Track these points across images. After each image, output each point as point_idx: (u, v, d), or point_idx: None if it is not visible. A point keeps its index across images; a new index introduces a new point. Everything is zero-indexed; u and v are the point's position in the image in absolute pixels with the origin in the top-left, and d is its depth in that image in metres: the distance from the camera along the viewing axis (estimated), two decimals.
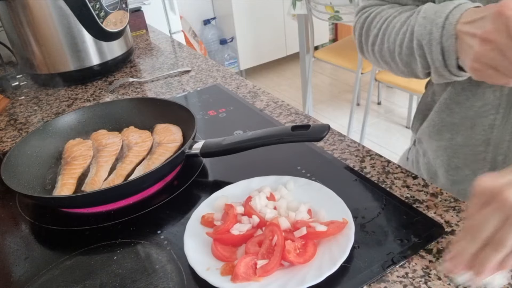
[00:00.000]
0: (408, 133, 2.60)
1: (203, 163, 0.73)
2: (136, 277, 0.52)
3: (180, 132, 0.77)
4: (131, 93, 1.07)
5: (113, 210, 0.65)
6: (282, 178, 0.63)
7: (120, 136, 0.80)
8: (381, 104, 2.95)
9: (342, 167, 0.68)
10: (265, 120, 0.84)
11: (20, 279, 0.55)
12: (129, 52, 1.23)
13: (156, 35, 1.52)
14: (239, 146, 0.67)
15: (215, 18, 3.54)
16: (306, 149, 0.73)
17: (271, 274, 0.48)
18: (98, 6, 1.07)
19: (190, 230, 0.56)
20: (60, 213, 0.66)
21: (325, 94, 3.22)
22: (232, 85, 1.03)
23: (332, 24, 3.88)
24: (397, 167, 0.67)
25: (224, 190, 0.63)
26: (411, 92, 2.00)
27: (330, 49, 2.54)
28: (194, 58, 1.24)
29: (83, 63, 1.12)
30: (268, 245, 0.51)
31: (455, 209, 0.57)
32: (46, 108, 1.05)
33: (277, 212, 0.56)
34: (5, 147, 0.89)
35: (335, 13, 2.22)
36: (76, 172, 0.72)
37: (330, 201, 0.57)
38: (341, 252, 0.49)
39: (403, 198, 0.60)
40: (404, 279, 0.48)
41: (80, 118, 0.84)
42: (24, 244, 0.61)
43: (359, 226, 0.55)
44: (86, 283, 0.52)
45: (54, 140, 0.80)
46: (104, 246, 0.58)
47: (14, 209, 0.68)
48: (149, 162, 0.71)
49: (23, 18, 1.05)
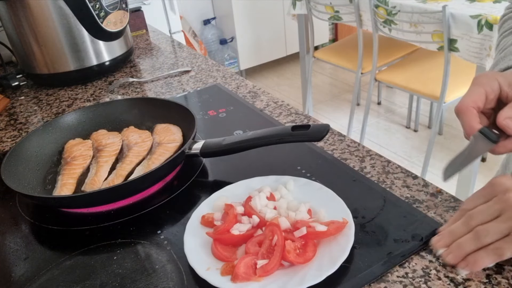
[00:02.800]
0: (408, 133, 2.60)
1: (203, 163, 0.73)
2: (136, 277, 0.52)
3: (180, 132, 0.77)
4: (131, 93, 1.07)
5: (113, 210, 0.65)
6: (282, 178, 0.63)
7: (120, 136, 0.80)
8: (381, 104, 2.95)
9: (342, 167, 0.68)
10: (265, 120, 0.84)
11: (20, 279, 0.55)
12: (129, 52, 1.23)
13: (156, 35, 1.52)
14: (239, 146, 0.67)
15: (215, 18, 3.54)
16: (306, 149, 0.73)
17: (271, 274, 0.48)
18: (98, 6, 1.07)
19: (190, 230, 0.56)
20: (60, 213, 0.66)
21: (325, 94, 3.22)
22: (232, 85, 1.03)
23: (332, 24, 3.88)
24: (397, 167, 0.67)
25: (224, 190, 0.63)
26: (411, 92, 2.00)
27: (330, 49, 2.54)
28: (194, 58, 1.24)
29: (83, 63, 1.12)
30: (268, 245, 0.51)
31: (455, 209, 0.57)
32: (46, 108, 1.05)
33: (277, 212, 0.56)
34: (5, 147, 0.89)
35: (335, 13, 2.23)
36: (76, 172, 0.72)
37: (330, 201, 0.57)
38: (341, 252, 0.49)
39: (403, 198, 0.60)
40: (404, 279, 0.48)
41: (80, 118, 0.84)
42: (24, 244, 0.61)
43: (359, 226, 0.55)
44: (86, 283, 0.52)
45: (54, 140, 0.80)
46: (104, 246, 0.58)
47: (14, 209, 0.68)
48: (149, 162, 0.71)
49: (23, 18, 1.05)
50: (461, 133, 0.52)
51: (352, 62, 2.28)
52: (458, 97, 1.87)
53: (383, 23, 1.94)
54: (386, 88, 3.07)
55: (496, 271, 0.48)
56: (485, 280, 0.47)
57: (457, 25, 1.61)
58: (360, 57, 2.18)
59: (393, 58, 2.25)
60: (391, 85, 2.09)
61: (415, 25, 1.78)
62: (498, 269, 0.48)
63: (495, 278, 0.47)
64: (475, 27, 1.53)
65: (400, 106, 2.89)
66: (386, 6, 1.86)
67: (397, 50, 2.29)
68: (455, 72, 1.86)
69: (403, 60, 2.21)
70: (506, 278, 0.47)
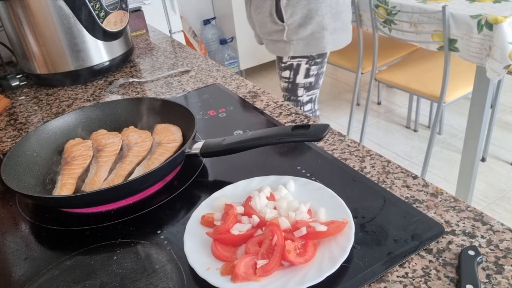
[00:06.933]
0: (408, 133, 2.60)
1: (203, 163, 0.73)
2: (136, 277, 0.52)
3: (180, 132, 0.77)
4: (131, 93, 1.07)
5: (113, 210, 0.65)
6: (282, 178, 0.63)
7: (120, 136, 0.80)
8: (381, 104, 2.95)
9: (342, 167, 0.68)
10: (265, 120, 0.84)
11: (20, 279, 0.55)
12: (129, 52, 1.23)
13: (156, 35, 1.52)
14: (239, 146, 0.67)
15: (215, 18, 3.54)
16: (306, 149, 0.73)
17: (271, 274, 0.48)
18: (98, 6, 1.07)
19: (190, 230, 0.56)
20: (60, 213, 0.66)
21: (325, 94, 3.21)
22: (232, 85, 1.03)
23: None
24: (397, 167, 0.67)
25: (224, 190, 0.63)
26: (411, 92, 2.00)
27: None
28: (194, 58, 1.24)
29: (83, 63, 1.12)
30: (268, 245, 0.51)
31: (455, 209, 0.57)
32: (46, 108, 1.05)
33: (277, 212, 0.56)
34: (5, 147, 0.89)
35: None
36: (76, 172, 0.72)
37: (330, 201, 0.57)
38: (341, 252, 0.49)
39: (403, 198, 0.60)
40: (404, 279, 0.48)
41: (80, 118, 0.84)
42: (24, 244, 0.61)
43: (359, 226, 0.55)
44: (86, 283, 0.52)
45: (54, 140, 0.80)
46: (104, 246, 0.58)
47: (14, 209, 0.68)
48: (149, 162, 0.71)
49: (23, 18, 1.05)
50: (461, 133, 0.52)
51: (352, 62, 2.28)
52: (458, 97, 1.87)
53: (383, 23, 1.94)
54: (386, 88, 3.07)
55: (496, 271, 0.48)
56: (485, 280, 0.47)
57: (457, 25, 1.61)
58: (360, 57, 2.18)
59: (393, 58, 2.25)
60: (391, 85, 2.09)
61: (415, 25, 1.78)
62: (498, 269, 0.48)
63: (495, 278, 0.47)
64: (475, 27, 1.53)
65: (400, 106, 2.89)
66: (386, 6, 1.86)
67: (397, 50, 2.29)
68: (455, 72, 1.86)
69: (403, 60, 2.21)
70: (506, 278, 0.47)
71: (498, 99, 2.14)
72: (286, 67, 1.53)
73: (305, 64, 1.50)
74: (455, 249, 0.51)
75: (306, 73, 1.52)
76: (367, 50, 2.16)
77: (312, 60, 1.50)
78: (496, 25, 1.46)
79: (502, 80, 2.14)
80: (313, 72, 1.53)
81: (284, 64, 1.52)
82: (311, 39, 1.44)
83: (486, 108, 1.68)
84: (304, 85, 1.56)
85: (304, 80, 1.54)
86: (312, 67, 1.51)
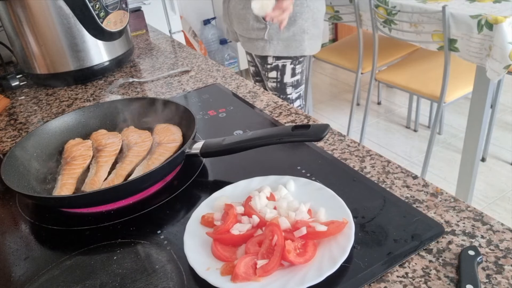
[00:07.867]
0: (408, 133, 2.60)
1: (203, 163, 0.73)
2: (136, 277, 0.52)
3: (180, 132, 0.77)
4: (131, 93, 1.07)
5: (113, 210, 0.65)
6: (282, 178, 0.63)
7: (120, 136, 0.80)
8: (381, 104, 2.95)
9: (342, 167, 0.68)
10: (265, 120, 0.84)
11: (20, 279, 0.55)
12: (129, 52, 1.23)
13: (156, 35, 1.52)
14: (239, 146, 0.67)
15: (215, 18, 3.54)
16: (306, 149, 0.73)
17: (271, 274, 0.48)
18: (98, 6, 1.07)
19: (190, 230, 0.56)
20: (60, 213, 0.66)
21: (325, 94, 3.21)
22: (232, 85, 1.03)
23: (332, 24, 3.88)
24: (397, 167, 0.67)
25: (224, 190, 0.63)
26: (411, 92, 2.00)
27: (330, 49, 2.54)
28: (194, 58, 1.24)
29: (83, 63, 1.12)
30: (268, 245, 0.51)
31: (455, 209, 0.57)
32: (46, 108, 1.05)
33: (277, 212, 0.56)
34: (5, 147, 0.89)
35: (335, 13, 2.22)
36: (76, 172, 0.72)
37: (330, 201, 0.57)
38: (341, 252, 0.49)
39: (403, 198, 0.60)
40: (404, 279, 0.48)
41: (80, 118, 0.84)
42: (24, 244, 0.61)
43: (359, 226, 0.55)
44: (86, 283, 0.52)
45: (54, 140, 0.80)
46: (104, 246, 0.58)
47: (14, 209, 0.68)
48: (149, 162, 0.71)
49: (23, 18, 1.05)
50: (461, 133, 0.52)
51: (352, 62, 2.28)
52: (458, 97, 1.87)
53: (383, 23, 1.94)
54: (386, 88, 3.07)
55: (496, 271, 0.48)
56: (485, 280, 0.47)
57: (457, 25, 1.61)
58: (360, 57, 2.18)
59: (393, 58, 2.25)
60: (391, 85, 2.09)
61: (415, 25, 1.78)
62: (498, 269, 0.48)
63: (495, 278, 0.47)
64: (475, 27, 1.53)
65: (400, 106, 2.89)
66: (386, 6, 1.86)
67: (397, 50, 2.29)
68: (455, 72, 1.86)
69: (403, 60, 2.21)
70: (506, 278, 0.47)
71: (498, 99, 2.14)
72: (272, 68, 1.56)
73: (290, 64, 1.55)
74: (455, 249, 0.51)
75: (293, 72, 1.57)
76: (367, 50, 2.16)
77: (296, 60, 1.55)
78: (496, 25, 1.46)
79: (502, 80, 2.14)
80: (299, 70, 1.58)
81: (270, 65, 1.56)
82: (292, 41, 1.48)
83: (486, 108, 1.68)
84: (292, 84, 1.60)
85: (292, 78, 1.58)
86: (297, 66, 1.57)
